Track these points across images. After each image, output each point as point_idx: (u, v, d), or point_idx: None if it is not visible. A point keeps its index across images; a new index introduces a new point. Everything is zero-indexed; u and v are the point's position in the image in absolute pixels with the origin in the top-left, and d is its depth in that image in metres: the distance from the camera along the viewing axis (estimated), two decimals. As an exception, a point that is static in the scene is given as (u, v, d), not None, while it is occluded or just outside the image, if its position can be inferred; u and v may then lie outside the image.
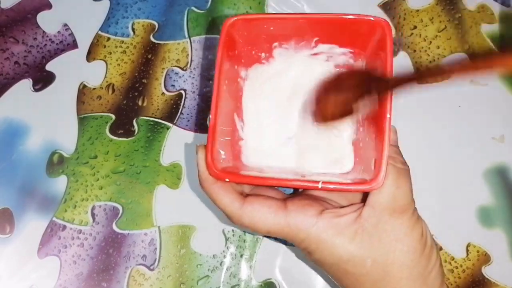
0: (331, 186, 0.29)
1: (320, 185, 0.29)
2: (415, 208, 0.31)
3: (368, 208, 0.30)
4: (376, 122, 0.30)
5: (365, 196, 0.31)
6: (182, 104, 0.44)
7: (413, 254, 0.30)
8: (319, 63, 0.36)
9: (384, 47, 0.30)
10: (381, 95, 0.29)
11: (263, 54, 0.35)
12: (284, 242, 0.41)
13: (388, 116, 0.29)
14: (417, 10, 0.49)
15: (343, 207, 0.31)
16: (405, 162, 0.31)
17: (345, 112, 0.31)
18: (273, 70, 0.36)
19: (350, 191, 0.30)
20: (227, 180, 0.30)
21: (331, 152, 0.35)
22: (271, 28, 0.33)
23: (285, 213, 0.30)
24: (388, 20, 0.49)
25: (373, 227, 0.29)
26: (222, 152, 0.32)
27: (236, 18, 0.32)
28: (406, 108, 0.46)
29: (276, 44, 0.35)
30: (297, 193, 0.36)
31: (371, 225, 0.30)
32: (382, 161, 0.28)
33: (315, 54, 0.35)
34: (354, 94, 0.30)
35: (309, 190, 0.34)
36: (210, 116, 0.30)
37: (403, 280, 0.30)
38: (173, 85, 0.45)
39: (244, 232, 0.41)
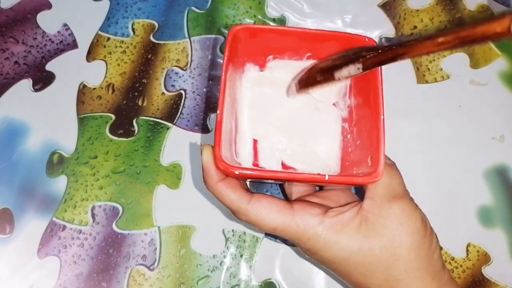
0: (337, 179, 0.31)
1: (326, 177, 0.30)
2: (411, 197, 0.33)
3: (367, 200, 0.32)
4: (369, 122, 0.32)
5: (359, 196, 0.33)
6: (182, 104, 0.44)
7: (418, 235, 0.31)
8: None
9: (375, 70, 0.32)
10: (366, 67, 0.30)
11: (257, 67, 0.37)
12: (285, 241, 0.41)
13: (382, 117, 0.31)
14: (417, 10, 0.49)
15: (342, 206, 0.33)
16: (390, 158, 0.34)
17: (327, 78, 0.32)
18: (267, 79, 0.38)
19: (355, 182, 0.31)
20: (237, 172, 0.30)
21: (317, 160, 0.36)
22: (270, 39, 0.35)
23: (291, 211, 0.31)
24: (388, 20, 0.49)
25: (376, 216, 0.31)
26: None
27: (241, 27, 0.34)
28: (406, 108, 0.46)
29: (270, 57, 0.37)
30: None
31: (374, 214, 0.31)
32: (380, 154, 0.30)
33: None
34: (336, 62, 0.32)
35: (307, 196, 0.35)
36: (218, 111, 0.31)
37: (412, 262, 0.31)
38: (173, 85, 0.45)
39: (244, 232, 0.41)
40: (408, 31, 0.48)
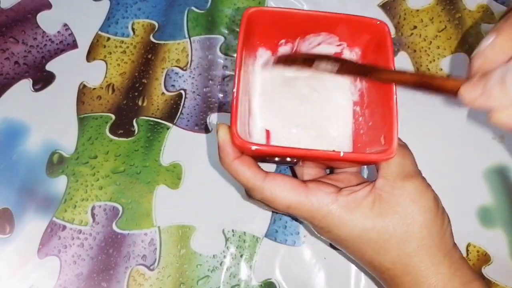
0: (352, 155, 0.32)
1: (341, 154, 0.30)
2: (423, 176, 0.33)
3: (380, 179, 0.32)
4: (381, 103, 0.33)
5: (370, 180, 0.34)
6: (182, 104, 0.44)
7: (430, 213, 0.32)
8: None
9: (385, 48, 0.33)
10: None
11: (269, 52, 0.38)
12: (285, 241, 0.41)
13: (395, 96, 0.32)
14: (417, 10, 0.49)
15: (355, 186, 0.33)
16: (401, 140, 0.35)
17: (305, 63, 0.34)
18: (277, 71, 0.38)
19: (369, 159, 0.32)
20: (253, 148, 0.30)
21: (330, 145, 0.37)
22: (282, 23, 0.35)
23: (306, 190, 0.32)
24: (388, 20, 0.49)
25: (389, 194, 0.32)
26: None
27: (255, 9, 0.34)
28: (405, 108, 0.46)
29: (282, 41, 0.37)
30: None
31: (387, 193, 0.32)
32: (394, 132, 0.31)
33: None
34: (321, 56, 0.34)
35: (318, 178, 0.35)
36: (234, 90, 0.31)
37: (424, 239, 0.32)
38: (173, 85, 0.45)
39: (244, 232, 0.41)
40: (408, 31, 0.48)
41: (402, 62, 0.47)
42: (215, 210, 0.42)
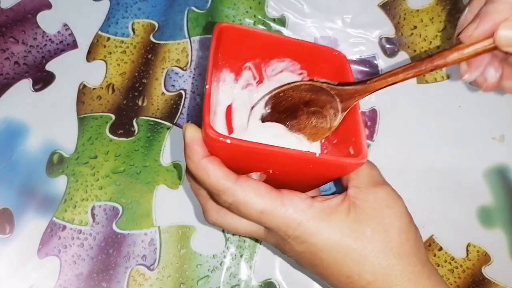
0: (327, 158, 0.32)
1: (317, 155, 0.30)
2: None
3: (352, 188, 0.32)
4: (344, 121, 0.34)
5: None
6: (182, 104, 0.44)
7: (405, 218, 0.31)
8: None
9: (346, 78, 0.34)
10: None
11: (232, 74, 0.37)
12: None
13: (359, 110, 0.33)
14: (417, 10, 0.49)
15: (326, 195, 0.33)
16: None
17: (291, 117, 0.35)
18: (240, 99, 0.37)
19: (344, 163, 0.32)
20: (228, 141, 0.28)
21: None
22: (250, 42, 0.35)
23: (280, 195, 0.30)
24: (388, 20, 0.49)
25: (363, 201, 0.31)
26: None
27: (226, 24, 0.34)
28: (406, 108, 0.46)
29: (248, 64, 0.37)
30: None
31: (361, 200, 0.31)
32: (362, 140, 0.31)
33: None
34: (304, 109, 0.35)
35: None
36: (207, 86, 0.31)
37: (403, 245, 0.31)
38: (173, 85, 0.45)
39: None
40: (408, 31, 0.48)
41: (402, 62, 0.47)
42: (215, 210, 0.42)
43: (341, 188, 0.34)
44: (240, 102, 0.37)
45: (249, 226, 0.32)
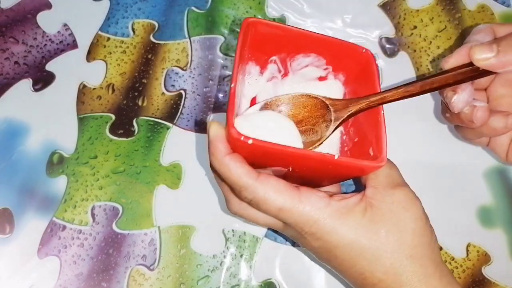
0: (345, 160, 0.32)
1: (336, 157, 0.30)
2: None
3: (370, 188, 0.32)
4: (367, 120, 0.34)
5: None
6: (182, 104, 0.44)
7: (421, 221, 0.32)
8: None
9: (372, 75, 0.35)
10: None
11: (258, 67, 0.38)
12: (285, 239, 0.41)
13: (382, 112, 0.33)
14: (417, 10, 0.49)
15: (344, 193, 0.33)
16: None
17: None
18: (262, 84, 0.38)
19: (363, 165, 0.32)
20: (249, 142, 0.29)
21: None
22: (277, 37, 0.35)
23: (298, 193, 0.31)
24: (388, 20, 0.49)
25: (380, 202, 0.32)
26: None
27: (253, 19, 0.34)
28: (406, 108, 0.46)
29: (273, 58, 0.37)
30: None
31: (378, 200, 0.32)
32: (383, 143, 0.32)
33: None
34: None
35: None
36: (232, 85, 0.31)
37: (416, 247, 0.31)
38: (173, 85, 0.45)
39: (244, 232, 0.41)
40: (408, 31, 0.48)
41: (402, 62, 0.47)
42: (215, 210, 0.42)
43: (360, 185, 0.35)
44: (264, 94, 0.38)
45: (268, 219, 0.33)
